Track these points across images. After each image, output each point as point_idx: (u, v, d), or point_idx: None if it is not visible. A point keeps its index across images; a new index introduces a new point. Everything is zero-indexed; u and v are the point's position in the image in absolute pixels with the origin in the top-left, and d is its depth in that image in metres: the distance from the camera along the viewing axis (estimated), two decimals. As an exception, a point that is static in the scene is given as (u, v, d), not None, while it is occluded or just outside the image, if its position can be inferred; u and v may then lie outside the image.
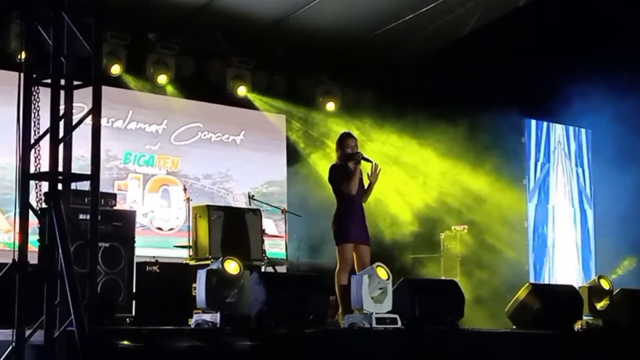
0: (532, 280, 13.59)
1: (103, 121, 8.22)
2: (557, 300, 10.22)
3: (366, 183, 9.92)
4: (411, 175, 15.12)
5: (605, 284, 10.64)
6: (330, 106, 15.67)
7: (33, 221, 6.96)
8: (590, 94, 13.60)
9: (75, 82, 7.22)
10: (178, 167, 14.34)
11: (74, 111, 7.21)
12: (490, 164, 14.19)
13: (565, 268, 15.42)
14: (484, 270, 13.91)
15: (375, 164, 9.86)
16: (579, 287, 10.93)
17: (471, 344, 8.98)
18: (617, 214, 14.51)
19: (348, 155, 9.90)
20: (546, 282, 14.55)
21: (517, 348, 9.16)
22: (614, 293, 10.67)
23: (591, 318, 10.45)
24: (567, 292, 10.77)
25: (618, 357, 8.86)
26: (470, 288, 12.77)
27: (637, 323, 10.43)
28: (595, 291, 10.60)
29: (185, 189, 12.67)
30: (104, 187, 9.06)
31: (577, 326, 10.34)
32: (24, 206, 6.94)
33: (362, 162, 9.90)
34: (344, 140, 10.04)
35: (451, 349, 8.75)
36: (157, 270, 10.03)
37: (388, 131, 15.09)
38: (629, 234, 14.34)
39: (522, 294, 10.16)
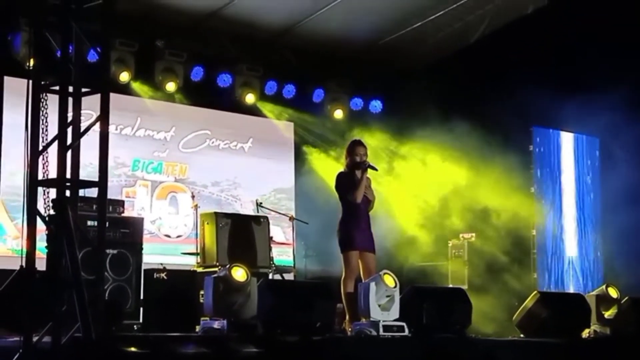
0: (540, 289, 13.55)
1: (111, 128, 8.24)
2: (565, 309, 10.20)
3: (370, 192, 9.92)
4: (419, 182, 15.10)
5: (613, 293, 10.61)
6: (339, 114, 15.69)
7: (41, 228, 6.98)
8: (600, 102, 13.57)
9: (84, 89, 7.26)
10: (186, 174, 14.36)
11: (82, 118, 7.24)
12: (498, 171, 14.15)
13: (574, 277, 15.38)
14: (491, 278, 13.88)
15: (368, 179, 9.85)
16: (587, 296, 10.90)
17: (479, 352, 8.96)
18: (627, 222, 14.46)
19: (356, 164, 9.90)
20: (554, 290, 14.50)
21: (524, 356, 9.14)
22: (622, 301, 10.64)
23: (599, 326, 10.41)
24: (575, 301, 10.75)
25: (626, 366, 8.84)
26: (478, 296, 12.73)
27: (645, 332, 10.41)
28: (603, 300, 10.58)
29: (193, 196, 12.69)
30: (112, 194, 9.08)
31: (585, 335, 10.31)
32: (32, 213, 6.97)
33: (370, 170, 9.90)
34: (353, 148, 10.03)
35: (459, 357, 8.73)
36: (165, 277, 10.04)
37: (396, 138, 15.07)
38: (636, 244, 14.31)
39: (530, 302, 10.15)
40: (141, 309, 10.10)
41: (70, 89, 7.17)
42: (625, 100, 13.47)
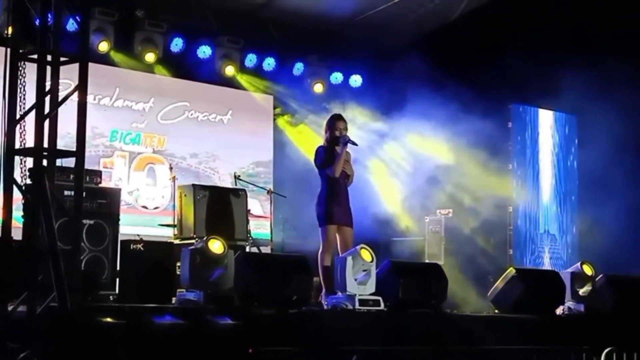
0: (515, 265, 13.62)
1: (89, 98, 8.21)
2: (540, 285, 10.25)
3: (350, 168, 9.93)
4: (397, 158, 15.13)
5: (588, 270, 10.66)
6: (318, 87, 15.66)
7: (18, 197, 6.96)
8: (578, 80, 13.61)
9: (62, 58, 7.21)
10: (164, 146, 14.32)
11: (60, 87, 7.19)
12: (476, 148, 14.19)
13: (549, 253, 15.46)
14: (468, 254, 13.94)
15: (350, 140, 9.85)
16: (562, 273, 10.97)
17: (453, 327, 9.02)
18: (604, 200, 14.55)
19: (335, 138, 9.90)
20: (530, 267, 14.58)
21: (499, 332, 9.20)
22: (597, 279, 10.70)
23: (573, 303, 10.48)
24: (549, 277, 10.81)
25: (599, 343, 8.90)
26: (454, 272, 12.78)
27: (619, 309, 10.48)
28: (578, 277, 10.63)
29: (171, 168, 12.66)
30: (89, 165, 9.05)
31: (559, 311, 10.37)
32: (8, 182, 6.94)
33: (349, 145, 9.90)
34: (333, 122, 10.03)
35: (434, 332, 8.78)
36: (142, 249, 10.01)
37: (376, 113, 15.07)
38: (612, 222, 14.39)
39: (505, 278, 10.19)
40: (117, 279, 10.08)
41: (49, 57, 7.12)
42: (603, 77, 13.51)
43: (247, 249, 11.31)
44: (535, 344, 8.68)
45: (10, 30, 7.30)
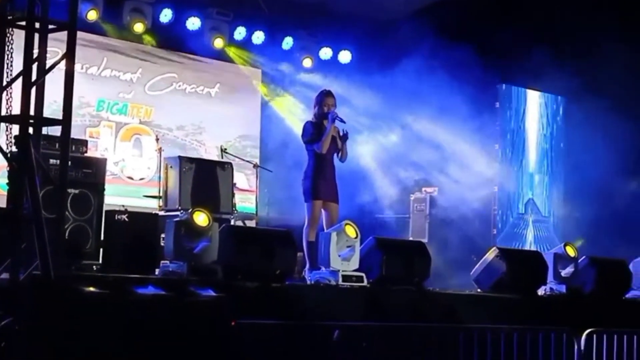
0: (499, 245, 13.68)
1: (77, 67, 8.14)
2: (523, 265, 10.29)
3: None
4: (385, 135, 15.13)
5: (571, 251, 10.71)
6: (307, 62, 15.62)
7: (3, 164, 6.93)
8: (565, 61, 13.61)
9: (50, 26, 7.16)
10: (151, 117, 14.28)
11: (48, 55, 7.16)
12: (463, 127, 14.21)
13: (533, 234, 15.53)
14: (452, 232, 13.98)
15: (345, 131, 9.89)
16: (545, 254, 11.01)
17: (436, 305, 9.05)
18: (588, 182, 14.61)
19: (324, 114, 9.90)
20: (513, 247, 14.64)
21: (481, 311, 9.24)
22: (579, 260, 10.75)
23: (555, 284, 10.53)
24: (532, 258, 10.85)
25: (581, 324, 8.95)
26: (437, 250, 12.82)
27: (601, 291, 10.55)
28: (561, 258, 10.68)
29: (157, 139, 12.64)
30: (75, 134, 8.99)
31: (541, 292, 10.42)
32: (-6, 149, 6.90)
33: (337, 122, 9.91)
34: (322, 98, 10.04)
35: (416, 309, 8.81)
36: (126, 219, 9.96)
37: (365, 89, 15.05)
38: (595, 203, 14.47)
39: (488, 257, 10.22)
40: (101, 249, 10.07)
41: (37, 24, 7.08)
42: (591, 59, 13.53)
43: (232, 222, 11.31)
44: (516, 324, 8.71)
45: (-2, -4, 7.24)
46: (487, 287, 10.05)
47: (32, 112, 6.96)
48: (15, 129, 6.95)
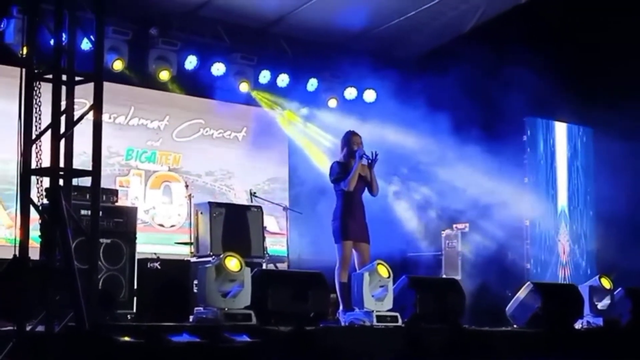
0: (532, 279, 13.57)
1: (105, 117, 8.22)
2: (558, 299, 10.21)
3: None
4: (414, 172, 15.10)
5: (606, 283, 10.63)
6: (333, 103, 15.65)
7: (35, 217, 6.96)
8: (593, 93, 13.55)
9: (77, 78, 7.23)
10: (180, 164, 14.33)
11: (75, 107, 7.21)
12: (491, 162, 14.16)
13: (567, 267, 15.40)
14: (485, 268, 13.88)
15: (376, 154, 9.82)
16: (580, 286, 10.91)
17: (472, 343, 8.97)
18: (621, 213, 14.49)
19: (352, 152, 9.90)
20: (547, 281, 14.52)
21: (517, 347, 9.15)
22: (615, 292, 10.65)
23: (592, 317, 10.43)
24: (567, 291, 10.77)
25: (618, 357, 8.85)
26: (472, 286, 12.74)
27: (638, 322, 10.42)
28: (596, 290, 10.59)
29: (187, 186, 12.67)
30: (105, 183, 9.06)
31: (578, 325, 10.32)
32: (25, 202, 6.94)
33: (366, 159, 9.88)
34: (349, 138, 10.04)
35: (452, 347, 8.74)
36: (159, 267, 10.01)
37: (391, 128, 15.03)
38: (629, 234, 14.34)
39: (522, 292, 10.16)
40: (135, 298, 10.08)
41: (64, 77, 7.14)
42: (619, 90, 13.47)
43: (264, 266, 11.29)
44: (554, 359, 8.63)
45: (24, 50, 7.32)
46: (523, 322, 9.97)
47: (61, 164, 7.00)
48: (46, 182, 6.99)
